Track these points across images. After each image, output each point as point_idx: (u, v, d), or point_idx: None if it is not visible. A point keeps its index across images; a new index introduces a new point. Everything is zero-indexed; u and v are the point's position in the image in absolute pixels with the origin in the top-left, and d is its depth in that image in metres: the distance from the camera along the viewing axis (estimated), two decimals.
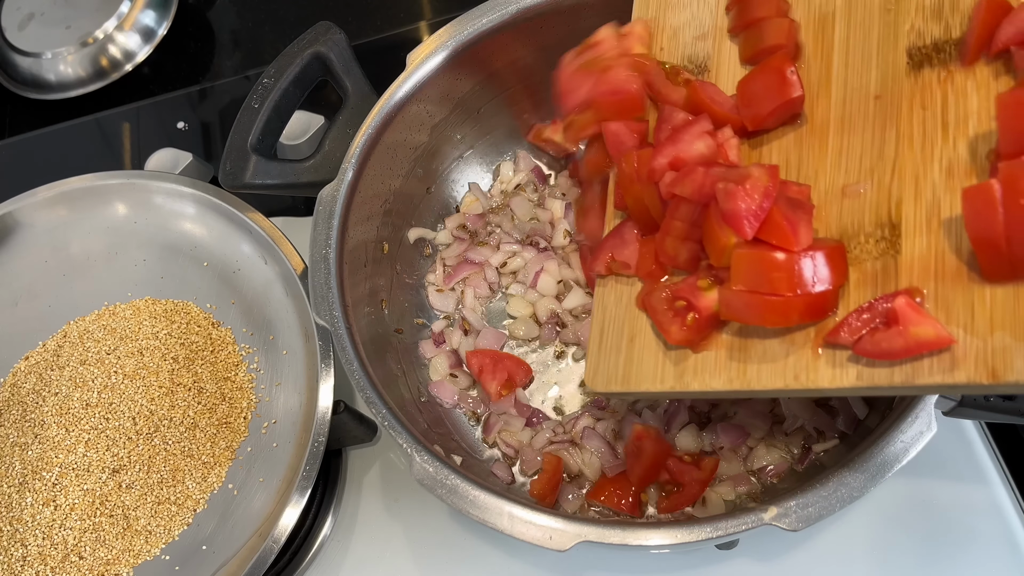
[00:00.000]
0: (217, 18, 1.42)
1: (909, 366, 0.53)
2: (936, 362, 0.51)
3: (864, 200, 0.60)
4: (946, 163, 0.56)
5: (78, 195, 1.06)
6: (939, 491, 0.84)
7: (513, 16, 0.89)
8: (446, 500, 0.69)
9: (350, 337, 0.78)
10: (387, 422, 0.74)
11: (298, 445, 0.86)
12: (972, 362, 0.50)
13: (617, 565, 0.86)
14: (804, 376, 0.57)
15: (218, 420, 0.92)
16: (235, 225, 1.00)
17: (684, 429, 0.83)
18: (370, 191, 0.89)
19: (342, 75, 0.91)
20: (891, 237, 0.57)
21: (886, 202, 0.58)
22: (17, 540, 0.88)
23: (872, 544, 0.83)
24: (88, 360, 0.97)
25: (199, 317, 0.99)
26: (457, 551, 0.89)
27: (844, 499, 0.63)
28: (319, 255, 0.82)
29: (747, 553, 0.84)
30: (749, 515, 0.64)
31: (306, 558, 0.91)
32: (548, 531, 0.67)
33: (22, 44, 1.37)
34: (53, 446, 0.91)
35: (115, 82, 1.37)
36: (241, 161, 0.87)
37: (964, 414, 0.69)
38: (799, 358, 0.58)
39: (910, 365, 0.52)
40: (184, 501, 0.88)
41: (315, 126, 1.10)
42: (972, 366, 0.50)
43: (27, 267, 1.07)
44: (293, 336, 0.93)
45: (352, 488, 0.95)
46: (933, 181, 0.57)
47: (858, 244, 0.58)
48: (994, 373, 0.49)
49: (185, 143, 1.24)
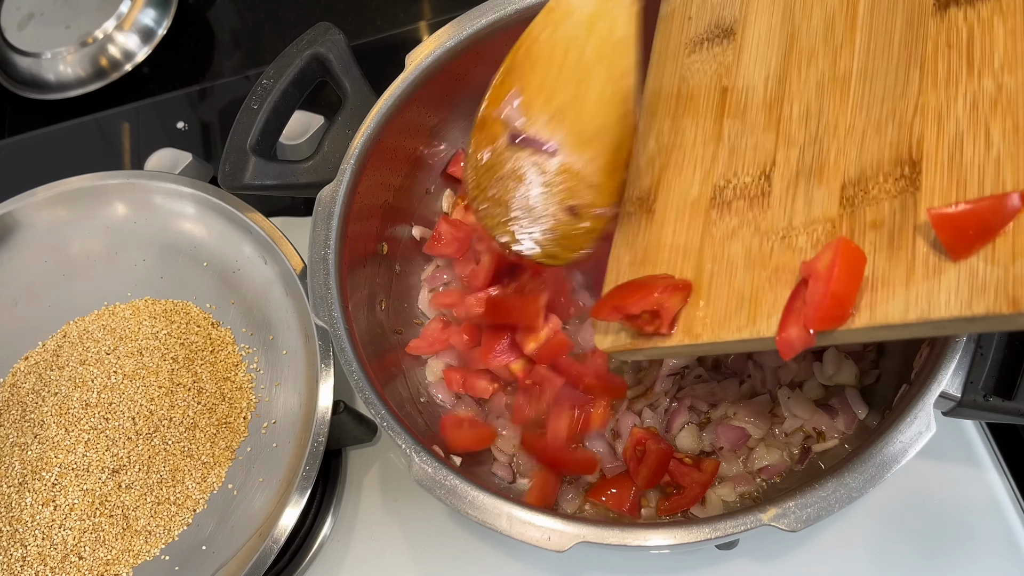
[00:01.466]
0: (217, 18, 1.42)
1: (924, 300, 0.51)
2: (953, 294, 0.50)
3: (883, 139, 0.59)
4: (971, 98, 0.56)
5: (78, 195, 1.06)
6: (939, 491, 0.84)
7: (513, 16, 0.88)
8: (445, 500, 0.69)
9: (349, 338, 0.78)
10: (386, 422, 0.74)
11: (298, 445, 0.86)
12: (992, 292, 0.49)
13: (616, 565, 0.86)
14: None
15: (218, 420, 0.92)
16: (235, 225, 1.00)
17: (684, 430, 0.83)
18: (369, 191, 0.89)
19: (341, 76, 0.91)
20: (911, 175, 0.56)
21: (907, 140, 0.58)
22: (17, 540, 0.88)
23: (872, 544, 0.83)
24: (88, 360, 0.97)
25: (199, 317, 0.99)
26: (456, 551, 0.89)
27: (843, 499, 0.63)
28: (318, 256, 0.82)
29: (747, 553, 0.84)
30: (748, 516, 0.64)
31: (306, 558, 0.91)
32: (547, 532, 0.67)
33: (22, 44, 1.37)
34: (53, 446, 0.91)
35: (115, 82, 1.37)
36: (240, 162, 0.87)
37: (963, 414, 0.69)
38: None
39: (925, 299, 0.51)
40: (184, 501, 0.88)
41: (315, 126, 1.10)
42: (992, 296, 0.49)
43: (27, 267, 1.07)
44: (293, 336, 0.94)
45: (352, 488, 0.95)
46: (957, 116, 0.56)
47: (876, 184, 0.58)
48: (1015, 302, 0.48)
49: (185, 143, 1.24)
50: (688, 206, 0.69)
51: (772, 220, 0.63)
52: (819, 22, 0.67)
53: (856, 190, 0.59)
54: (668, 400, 0.86)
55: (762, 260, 0.62)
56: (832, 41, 0.66)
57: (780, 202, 0.63)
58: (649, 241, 0.70)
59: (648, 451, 0.79)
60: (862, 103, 0.62)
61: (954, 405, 0.68)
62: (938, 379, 0.66)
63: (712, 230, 0.66)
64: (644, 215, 0.72)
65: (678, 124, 0.74)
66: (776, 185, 0.64)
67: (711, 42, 0.75)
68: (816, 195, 0.61)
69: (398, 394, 0.84)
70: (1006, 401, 0.67)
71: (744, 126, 0.69)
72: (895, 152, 0.58)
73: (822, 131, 0.63)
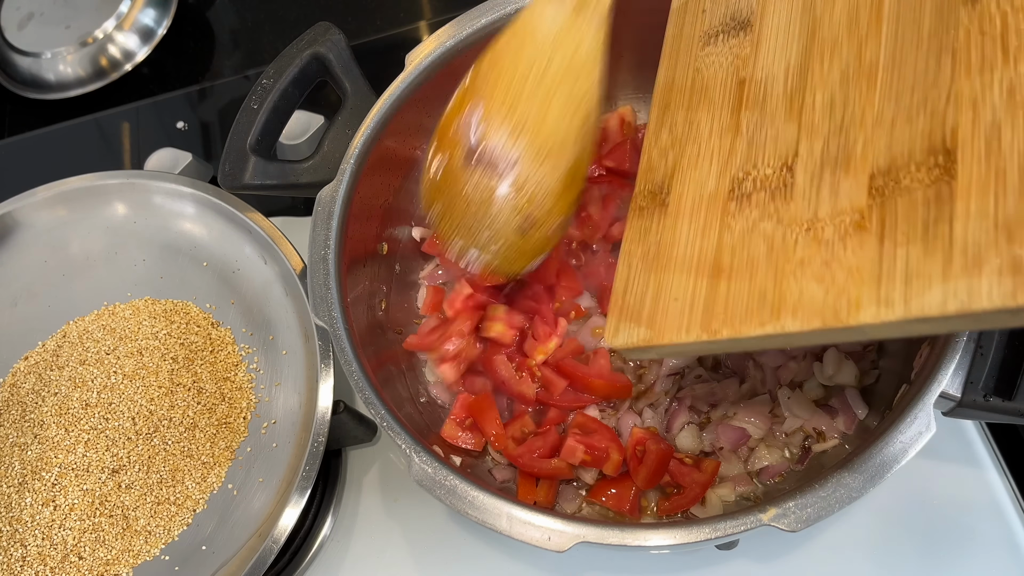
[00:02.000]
0: (217, 18, 1.42)
1: (964, 292, 0.50)
2: (996, 284, 0.49)
3: (915, 129, 0.58)
4: (1007, 85, 0.54)
5: (77, 195, 1.06)
6: (939, 491, 0.84)
7: (513, 16, 0.88)
8: (445, 501, 0.69)
9: (349, 338, 0.78)
10: (386, 422, 0.74)
11: (298, 445, 0.86)
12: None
13: (616, 566, 0.86)
14: (845, 313, 0.54)
15: (218, 420, 0.92)
16: (235, 225, 1.00)
17: (684, 430, 0.83)
18: (369, 191, 0.89)
19: (341, 75, 0.91)
20: (945, 164, 0.55)
21: (940, 129, 0.56)
22: (17, 540, 0.88)
23: (872, 544, 0.83)
24: (87, 360, 0.97)
25: (198, 317, 0.99)
26: (456, 551, 0.89)
27: (843, 499, 0.63)
28: (318, 256, 0.82)
29: (747, 553, 0.84)
30: (748, 516, 0.64)
31: (306, 558, 0.91)
32: (547, 532, 0.66)
33: (22, 44, 1.37)
34: (52, 446, 0.91)
35: (115, 82, 1.37)
36: (240, 162, 0.87)
37: (964, 414, 0.69)
38: (839, 294, 0.56)
39: (965, 290, 0.50)
40: (184, 501, 0.88)
41: (315, 126, 1.10)
42: None
43: (27, 267, 1.07)
44: (293, 336, 0.93)
45: (352, 488, 0.95)
46: (993, 104, 0.54)
47: (908, 174, 0.56)
48: None
49: (185, 143, 1.24)
50: (705, 199, 0.68)
51: (795, 211, 0.61)
52: (842, 13, 0.66)
53: (887, 180, 0.57)
54: (668, 400, 0.86)
55: (785, 252, 0.60)
56: (857, 32, 0.64)
57: (804, 193, 0.62)
58: (663, 235, 0.69)
59: (648, 451, 0.79)
60: (890, 92, 0.61)
61: (954, 405, 0.68)
62: (938, 379, 0.66)
63: (731, 223, 0.65)
64: (657, 209, 0.71)
65: (692, 116, 0.73)
66: (799, 176, 0.63)
67: (727, 34, 0.74)
68: (843, 185, 0.60)
69: (398, 394, 0.84)
70: (1006, 401, 0.67)
71: (763, 117, 0.68)
72: (927, 141, 0.56)
73: (848, 121, 0.62)
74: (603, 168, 0.95)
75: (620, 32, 0.93)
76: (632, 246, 0.71)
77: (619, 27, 0.92)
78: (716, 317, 0.61)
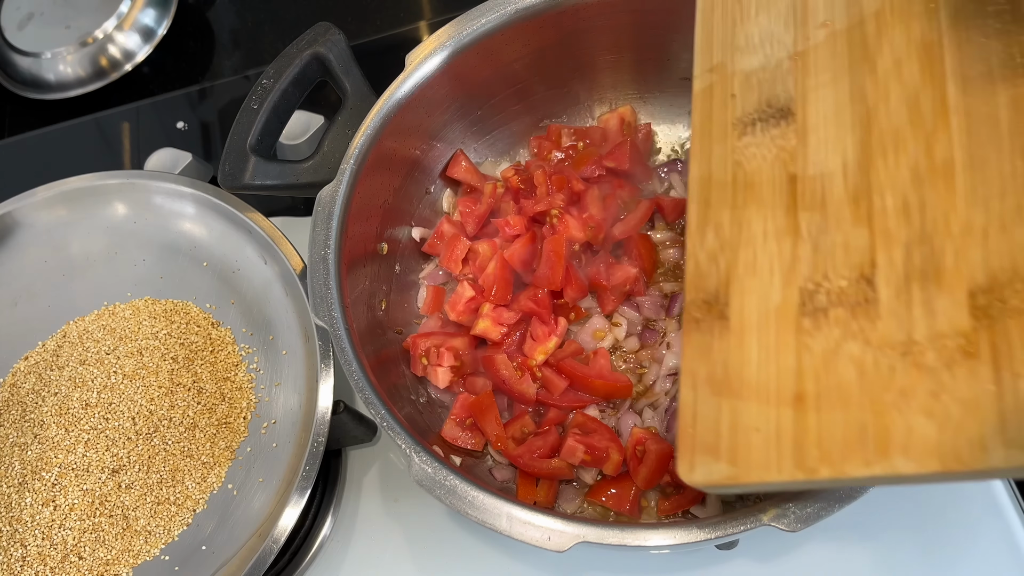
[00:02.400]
0: (217, 18, 1.42)
1: None
2: None
3: (1014, 241, 0.51)
4: None
5: (78, 195, 1.06)
6: (939, 491, 0.84)
7: (513, 16, 0.88)
8: (445, 501, 0.69)
9: (349, 337, 0.78)
10: (386, 423, 0.74)
11: (298, 445, 0.86)
12: None
13: (616, 565, 0.86)
14: (968, 455, 0.47)
15: (218, 420, 0.92)
16: (235, 225, 1.00)
17: None
18: (369, 191, 0.89)
19: (341, 76, 0.91)
20: None
21: None
22: (16, 540, 0.88)
23: (872, 544, 0.83)
24: (87, 360, 0.97)
25: (199, 317, 0.99)
26: (456, 551, 0.89)
27: (843, 499, 0.63)
28: (318, 256, 0.82)
29: (747, 553, 0.84)
30: (748, 516, 0.64)
31: (306, 558, 0.91)
32: (547, 532, 0.67)
33: (22, 44, 1.37)
34: (52, 446, 0.91)
35: (115, 82, 1.37)
36: (240, 162, 0.87)
37: None
38: (957, 432, 0.48)
39: None
40: (184, 501, 0.88)
41: (315, 126, 1.10)
42: None
43: (27, 267, 1.07)
44: (293, 336, 0.93)
45: (352, 488, 0.95)
46: None
47: (1015, 293, 0.50)
48: None
49: (185, 143, 1.24)
50: (772, 314, 0.60)
51: (885, 332, 0.54)
52: (899, 102, 0.60)
53: (990, 299, 0.51)
54: (668, 400, 0.86)
55: (881, 380, 0.53)
56: (921, 124, 0.58)
57: (892, 311, 0.55)
58: (730, 355, 0.60)
59: (648, 451, 0.79)
60: (975, 197, 0.54)
61: None
62: None
63: (809, 343, 0.57)
64: (717, 323, 0.62)
65: (740, 216, 0.65)
66: (882, 291, 0.56)
67: (765, 123, 0.67)
68: (938, 303, 0.53)
69: (398, 394, 0.84)
70: None
71: (826, 220, 0.60)
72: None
73: (930, 228, 0.55)
74: (603, 168, 0.95)
75: (620, 31, 0.93)
76: (694, 365, 0.62)
77: (619, 26, 0.93)
78: (810, 454, 0.54)
